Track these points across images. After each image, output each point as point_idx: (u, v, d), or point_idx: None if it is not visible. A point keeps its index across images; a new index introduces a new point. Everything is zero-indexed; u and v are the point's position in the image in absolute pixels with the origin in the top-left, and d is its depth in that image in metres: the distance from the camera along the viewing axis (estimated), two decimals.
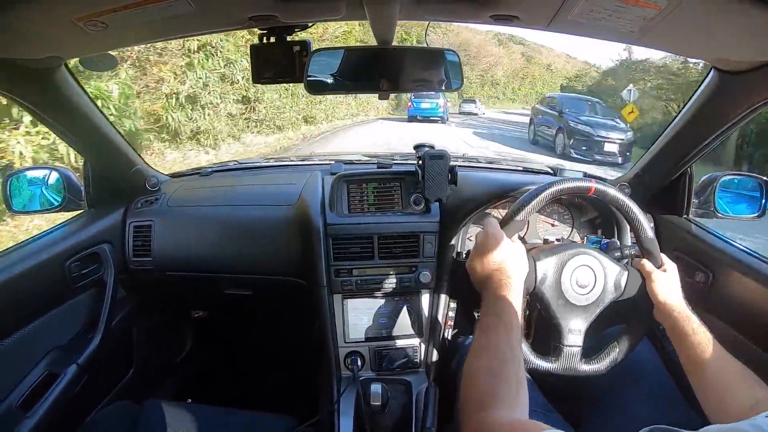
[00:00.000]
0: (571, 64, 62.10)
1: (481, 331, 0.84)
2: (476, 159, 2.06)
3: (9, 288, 1.12)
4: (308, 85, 1.06)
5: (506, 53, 52.23)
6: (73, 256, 1.33)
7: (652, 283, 1.00)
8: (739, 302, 1.15)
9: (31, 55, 0.97)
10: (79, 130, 1.30)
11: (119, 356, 1.61)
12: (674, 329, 0.95)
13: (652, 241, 1.04)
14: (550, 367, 1.04)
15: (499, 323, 0.83)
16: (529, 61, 58.50)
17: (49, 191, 1.41)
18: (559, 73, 59.08)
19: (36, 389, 1.19)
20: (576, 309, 1.04)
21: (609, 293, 1.04)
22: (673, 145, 1.32)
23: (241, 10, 0.90)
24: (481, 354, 0.80)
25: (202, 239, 1.57)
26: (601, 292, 1.04)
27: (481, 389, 0.74)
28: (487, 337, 0.82)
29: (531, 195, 1.03)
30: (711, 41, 0.88)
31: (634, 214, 1.04)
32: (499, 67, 50.92)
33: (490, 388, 0.74)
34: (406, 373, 1.46)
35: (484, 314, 0.88)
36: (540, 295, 1.04)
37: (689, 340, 0.92)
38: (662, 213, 1.43)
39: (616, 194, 1.04)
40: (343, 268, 1.43)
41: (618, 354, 1.06)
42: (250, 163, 2.00)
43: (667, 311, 0.97)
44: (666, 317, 0.98)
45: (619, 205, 1.04)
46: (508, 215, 1.03)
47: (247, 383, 2.01)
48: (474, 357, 0.81)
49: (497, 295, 0.88)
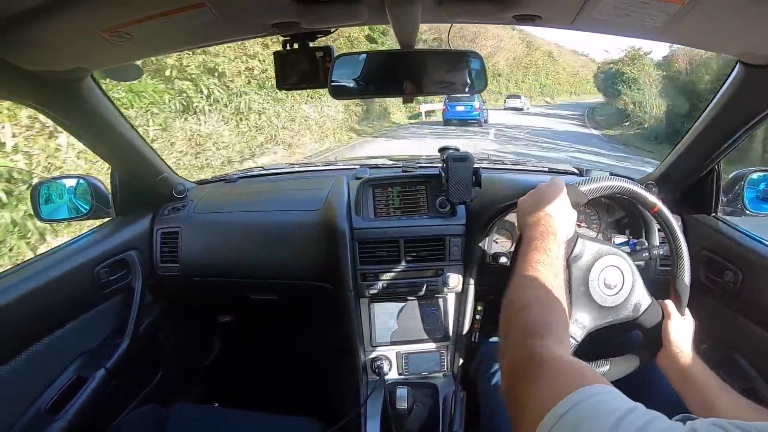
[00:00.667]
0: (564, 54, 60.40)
1: (528, 264, 0.80)
2: (501, 161, 2.04)
3: (40, 294, 1.14)
4: (332, 90, 1.06)
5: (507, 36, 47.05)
6: (102, 263, 1.35)
7: (670, 322, 0.98)
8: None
9: (58, 67, 0.98)
10: (106, 139, 1.32)
11: (147, 361, 1.63)
12: (682, 372, 0.93)
13: (686, 288, 1.01)
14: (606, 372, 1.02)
15: (548, 260, 0.81)
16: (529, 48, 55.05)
17: (77, 200, 1.44)
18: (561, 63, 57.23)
19: (64, 393, 1.21)
20: (591, 304, 0.99)
21: (627, 309, 1.00)
22: (700, 142, 1.28)
23: (263, 18, 0.90)
24: (530, 286, 0.77)
25: (228, 245, 1.58)
26: (622, 302, 1.00)
27: (533, 318, 0.70)
28: (535, 270, 0.79)
29: (603, 177, 1.00)
30: (736, 35, 0.86)
31: (683, 252, 1.01)
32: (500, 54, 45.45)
33: (545, 317, 0.70)
34: (432, 377, 1.45)
35: (530, 251, 0.84)
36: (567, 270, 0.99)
37: (699, 383, 0.89)
38: (690, 211, 1.39)
39: (674, 223, 1.01)
40: (369, 272, 1.43)
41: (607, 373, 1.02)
42: (275, 169, 2.02)
43: (676, 354, 0.95)
44: (673, 360, 0.95)
45: (673, 235, 1.02)
46: (576, 182, 0.99)
47: (274, 387, 2.02)
48: (522, 288, 0.77)
49: (546, 237, 0.86)
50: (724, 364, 1.17)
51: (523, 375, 0.61)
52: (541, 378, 0.59)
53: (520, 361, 0.64)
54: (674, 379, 0.94)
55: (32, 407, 1.13)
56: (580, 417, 0.49)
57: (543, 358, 0.61)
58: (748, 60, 0.97)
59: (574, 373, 0.58)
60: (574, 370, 0.59)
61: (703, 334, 1.27)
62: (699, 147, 1.29)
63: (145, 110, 7.21)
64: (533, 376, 0.59)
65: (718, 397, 0.86)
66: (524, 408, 0.57)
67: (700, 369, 0.91)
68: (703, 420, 0.47)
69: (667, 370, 0.96)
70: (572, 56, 61.97)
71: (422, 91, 1.10)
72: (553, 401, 0.52)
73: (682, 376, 0.92)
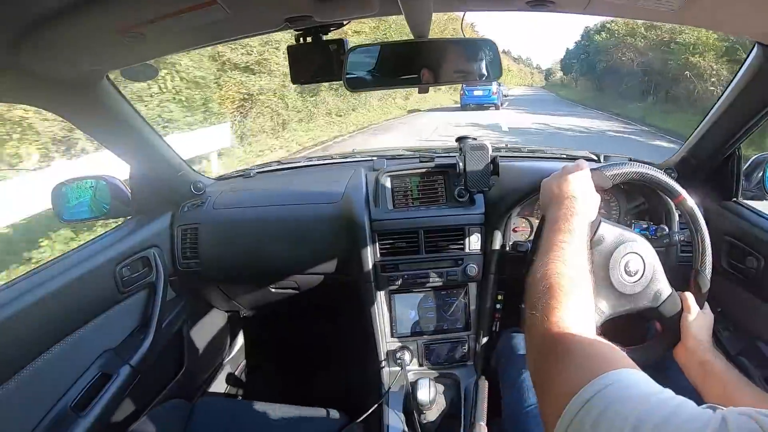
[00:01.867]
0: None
1: (553, 243, 0.79)
2: (518, 149, 2.01)
3: (63, 293, 1.16)
4: (347, 82, 1.05)
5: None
6: (123, 261, 1.37)
7: (689, 315, 0.96)
8: None
9: (73, 69, 0.99)
10: (123, 138, 1.33)
11: (170, 356, 1.65)
12: (701, 366, 0.90)
13: (706, 282, 0.99)
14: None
15: (572, 240, 0.80)
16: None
17: (97, 199, 1.45)
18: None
19: (90, 390, 1.23)
20: (611, 290, 0.96)
21: (646, 298, 0.97)
22: (719, 126, 1.25)
23: (276, 13, 0.90)
24: (558, 262, 0.75)
25: (248, 240, 1.59)
26: (642, 290, 0.97)
27: (559, 297, 0.68)
28: (560, 249, 0.78)
29: (628, 164, 0.99)
30: (754, 16, 0.83)
31: (706, 245, 0.99)
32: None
33: (570, 297, 0.68)
34: (454, 366, 1.45)
35: (554, 231, 0.83)
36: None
37: (718, 376, 0.87)
38: (711, 196, 1.36)
39: (698, 215, 0.99)
40: (389, 264, 1.43)
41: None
42: (293, 163, 2.02)
43: (695, 348, 0.93)
44: (691, 354, 0.93)
45: (696, 227, 0.99)
46: (601, 166, 0.99)
47: (296, 380, 2.04)
48: (548, 263, 0.75)
49: (570, 218, 0.84)
50: (746, 351, 1.15)
51: (548, 356, 0.61)
52: (567, 359, 0.58)
53: (546, 341, 0.63)
54: (693, 373, 0.92)
55: (58, 405, 1.15)
56: (608, 401, 0.48)
57: (568, 339, 0.61)
58: (767, 41, 0.94)
59: (601, 355, 0.57)
60: (601, 352, 0.58)
61: (725, 321, 1.24)
62: (718, 131, 1.27)
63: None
64: (559, 358, 0.59)
65: (738, 390, 0.84)
66: (550, 389, 0.57)
67: (719, 363, 0.89)
68: (731, 408, 0.45)
69: (685, 363, 0.94)
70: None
71: (438, 80, 1.08)
72: (579, 384, 0.51)
73: (701, 369, 0.90)
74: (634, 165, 0.99)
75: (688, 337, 0.94)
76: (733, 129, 1.21)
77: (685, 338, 0.95)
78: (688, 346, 0.94)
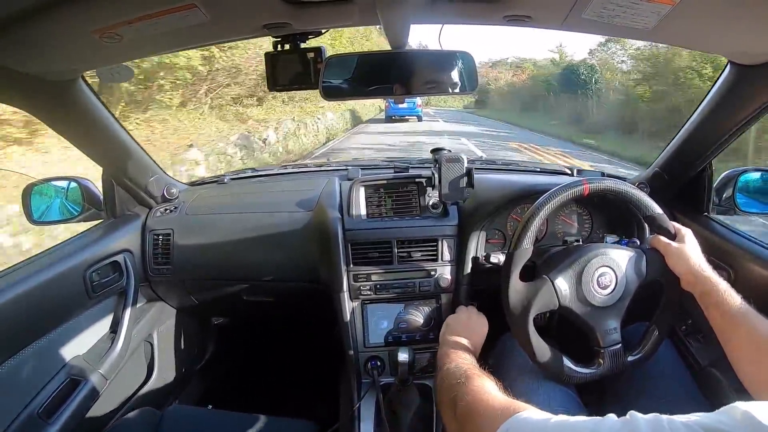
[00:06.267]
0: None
1: (451, 365, 0.96)
2: (493, 161, 2.05)
3: (30, 297, 1.13)
4: (324, 91, 1.05)
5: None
6: (93, 265, 1.34)
7: (670, 257, 1.01)
8: (762, 298, 1.12)
9: (48, 68, 0.98)
10: (97, 140, 1.32)
11: (140, 363, 1.62)
12: (703, 296, 0.94)
13: (660, 216, 1.05)
14: (598, 373, 1.05)
15: (463, 362, 0.97)
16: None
17: (68, 201, 1.43)
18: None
19: (58, 396, 1.20)
20: (606, 310, 1.04)
21: (632, 283, 1.05)
22: (692, 142, 1.29)
23: (254, 19, 0.91)
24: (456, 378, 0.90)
25: (221, 247, 1.57)
26: (625, 285, 1.04)
27: (462, 400, 0.81)
28: (458, 367, 0.94)
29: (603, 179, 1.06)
30: (727, 35, 0.87)
31: (632, 195, 1.05)
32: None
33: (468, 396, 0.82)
34: (426, 377, 1.45)
35: (450, 360, 0.99)
36: (568, 310, 1.05)
37: (718, 303, 0.90)
38: (682, 211, 1.40)
39: (609, 183, 1.05)
40: (361, 273, 1.42)
41: (659, 336, 1.07)
42: (267, 171, 2.01)
43: (692, 280, 0.96)
44: (693, 285, 0.97)
45: (616, 192, 1.05)
46: (511, 248, 1.07)
47: (268, 389, 2.02)
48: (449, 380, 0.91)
49: (458, 351, 1.04)
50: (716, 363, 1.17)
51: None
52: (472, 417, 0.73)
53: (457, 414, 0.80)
54: (702, 304, 0.94)
55: (25, 411, 1.12)
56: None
57: (470, 405, 0.76)
58: (739, 60, 0.98)
59: (499, 408, 0.69)
60: (498, 406, 0.70)
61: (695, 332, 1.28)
62: (690, 147, 1.31)
63: None
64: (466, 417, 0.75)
65: (737, 317, 0.86)
66: None
67: (720, 290, 0.91)
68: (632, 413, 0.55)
69: (696, 295, 0.96)
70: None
71: (412, 92, 1.10)
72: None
73: (706, 299, 0.92)
74: (607, 180, 1.04)
75: (680, 272, 0.99)
76: (706, 145, 1.25)
77: (679, 274, 1.00)
78: (687, 279, 0.98)
